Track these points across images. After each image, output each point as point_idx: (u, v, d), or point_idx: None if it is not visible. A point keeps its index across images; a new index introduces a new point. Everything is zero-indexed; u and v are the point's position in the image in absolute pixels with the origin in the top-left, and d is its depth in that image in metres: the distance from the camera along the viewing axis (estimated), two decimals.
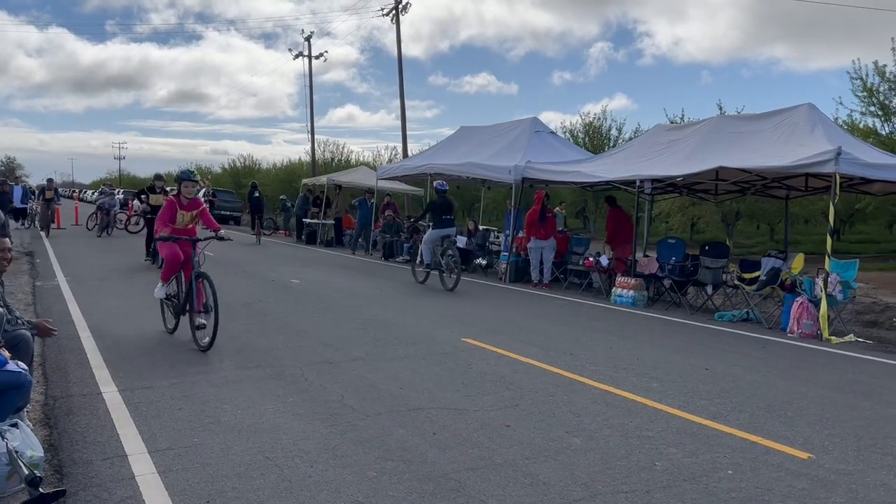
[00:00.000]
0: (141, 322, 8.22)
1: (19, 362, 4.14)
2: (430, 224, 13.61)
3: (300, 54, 37.90)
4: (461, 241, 17.12)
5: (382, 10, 30.95)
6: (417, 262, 13.83)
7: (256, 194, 24.71)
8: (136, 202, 18.48)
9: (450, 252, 12.76)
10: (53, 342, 6.81)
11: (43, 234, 21.90)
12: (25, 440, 3.78)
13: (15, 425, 3.86)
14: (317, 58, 37.75)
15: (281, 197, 32.40)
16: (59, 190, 28.65)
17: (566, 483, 3.96)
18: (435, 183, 13.82)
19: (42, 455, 3.83)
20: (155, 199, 15.06)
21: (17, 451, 3.65)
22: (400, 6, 29.78)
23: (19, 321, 4.72)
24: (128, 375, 5.87)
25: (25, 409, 4.35)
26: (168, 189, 14.01)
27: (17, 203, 23.94)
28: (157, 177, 16.44)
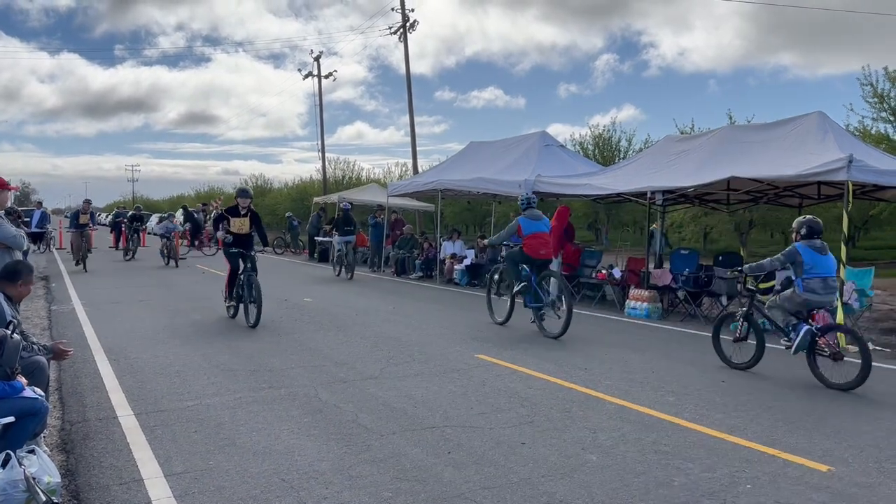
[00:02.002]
0: (155, 345, 8.27)
1: (36, 388, 4.18)
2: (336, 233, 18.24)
3: (310, 74, 38.19)
4: (470, 256, 17.12)
5: (390, 28, 31.21)
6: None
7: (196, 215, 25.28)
8: (217, 230, 11.71)
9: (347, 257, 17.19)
10: (69, 366, 6.86)
11: (79, 266, 18.22)
12: (43, 466, 3.80)
13: (32, 451, 3.88)
14: (326, 77, 38.02)
15: (287, 214, 32.27)
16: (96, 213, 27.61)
17: (583, 501, 3.93)
18: (341, 203, 20.02)
19: (59, 481, 3.85)
20: (239, 224, 10.19)
21: (34, 478, 3.68)
22: (408, 24, 29.99)
23: (34, 347, 4.75)
24: (143, 399, 5.89)
25: (42, 435, 4.38)
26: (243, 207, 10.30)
27: (33, 227, 24.22)
28: (243, 192, 10.57)
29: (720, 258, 12.17)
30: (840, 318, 9.16)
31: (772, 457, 4.68)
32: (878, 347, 9.15)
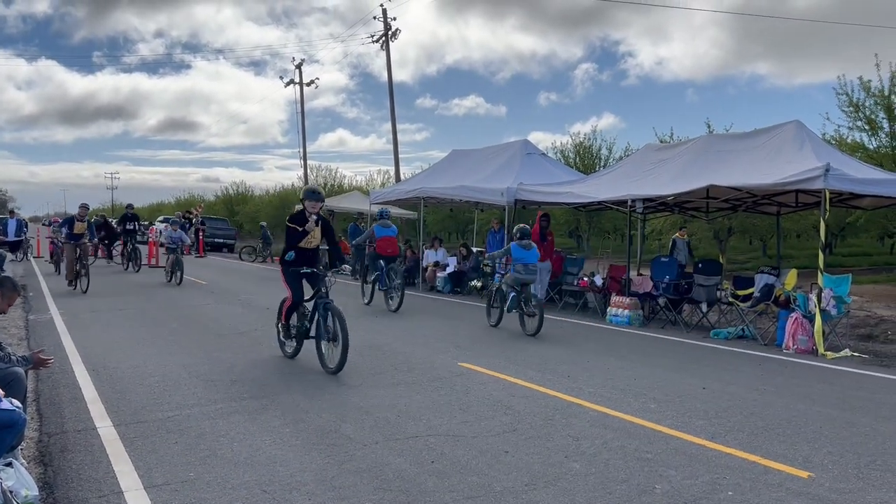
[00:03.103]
0: (135, 355, 8.18)
1: (13, 400, 4.11)
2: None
3: (291, 81, 38.15)
4: (452, 263, 17.13)
5: (372, 36, 31.26)
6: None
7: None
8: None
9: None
10: (47, 377, 6.77)
11: (73, 286, 15.02)
12: (20, 479, 3.75)
13: (9, 464, 3.82)
14: (308, 84, 38.01)
15: (261, 224, 31.61)
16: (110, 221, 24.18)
17: None
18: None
19: (37, 494, 3.80)
20: (308, 236, 7.68)
21: (11, 491, 3.62)
22: (390, 32, 30.04)
23: (11, 358, 4.69)
24: (123, 409, 5.82)
25: (20, 447, 4.31)
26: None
27: (10, 237, 23.94)
28: (312, 194, 7.80)
29: (700, 265, 12.27)
30: (818, 324, 9.28)
31: (752, 463, 4.72)
32: (855, 353, 9.27)
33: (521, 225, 11.08)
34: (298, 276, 7.73)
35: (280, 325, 8.11)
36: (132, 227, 21.80)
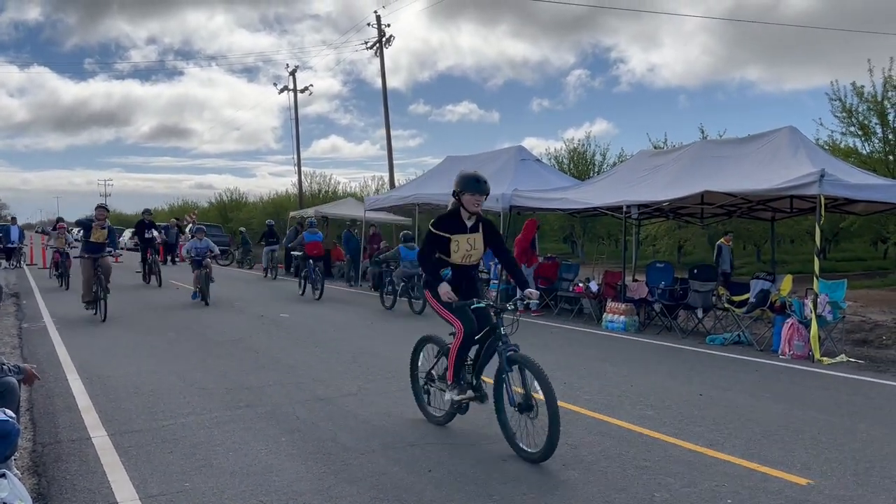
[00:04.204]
0: (129, 363, 8.12)
1: (7, 410, 4.07)
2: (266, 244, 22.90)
3: (285, 88, 38.09)
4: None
5: (366, 43, 31.26)
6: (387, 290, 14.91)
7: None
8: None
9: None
10: (40, 386, 6.71)
11: (92, 310, 12.19)
12: (13, 490, 3.70)
13: (3, 475, 3.77)
14: (302, 91, 37.93)
15: (240, 229, 31.12)
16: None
17: None
18: (267, 221, 25.84)
19: None
20: (464, 244, 5.42)
21: (4, 503, 3.57)
22: (384, 39, 30.06)
23: (4, 367, 4.64)
24: (117, 419, 5.78)
25: (13, 458, 4.26)
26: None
27: (15, 242, 24.00)
28: (471, 182, 5.30)
29: (695, 271, 12.27)
30: (814, 330, 9.29)
31: (751, 470, 4.71)
32: (851, 359, 9.28)
33: (406, 231, 15.65)
34: (465, 308, 5.31)
35: (447, 372, 5.44)
36: (150, 236, 19.41)
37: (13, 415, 4.12)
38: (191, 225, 22.77)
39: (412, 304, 13.98)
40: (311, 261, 16.50)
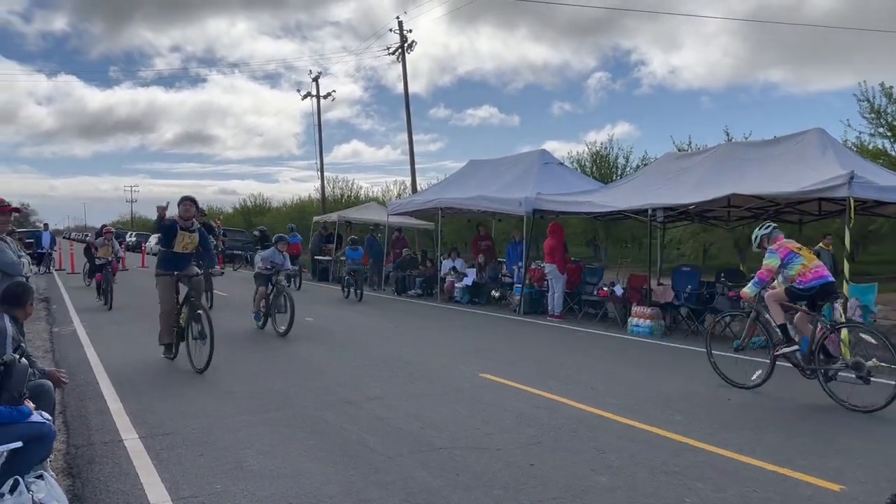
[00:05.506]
0: (157, 367, 8.23)
1: (43, 413, 4.15)
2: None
3: (308, 94, 38.37)
4: (471, 275, 17.10)
5: (388, 49, 31.44)
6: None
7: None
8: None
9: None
10: (73, 389, 6.82)
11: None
12: (50, 492, 3.77)
13: (40, 477, 3.85)
14: (325, 97, 38.21)
15: (255, 232, 31.35)
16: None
17: None
18: (256, 230, 24.18)
19: None
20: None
21: (42, 503, 3.64)
22: (406, 45, 30.19)
23: (36, 371, 4.72)
24: (147, 422, 5.85)
25: (48, 459, 4.34)
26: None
27: (46, 248, 24.59)
28: None
29: (722, 275, 12.17)
30: (844, 334, 9.14)
31: (782, 476, 4.65)
32: (882, 363, 9.11)
33: (352, 236, 19.24)
34: None
35: None
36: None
37: (49, 417, 4.20)
38: (217, 230, 23.05)
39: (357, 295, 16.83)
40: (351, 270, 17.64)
